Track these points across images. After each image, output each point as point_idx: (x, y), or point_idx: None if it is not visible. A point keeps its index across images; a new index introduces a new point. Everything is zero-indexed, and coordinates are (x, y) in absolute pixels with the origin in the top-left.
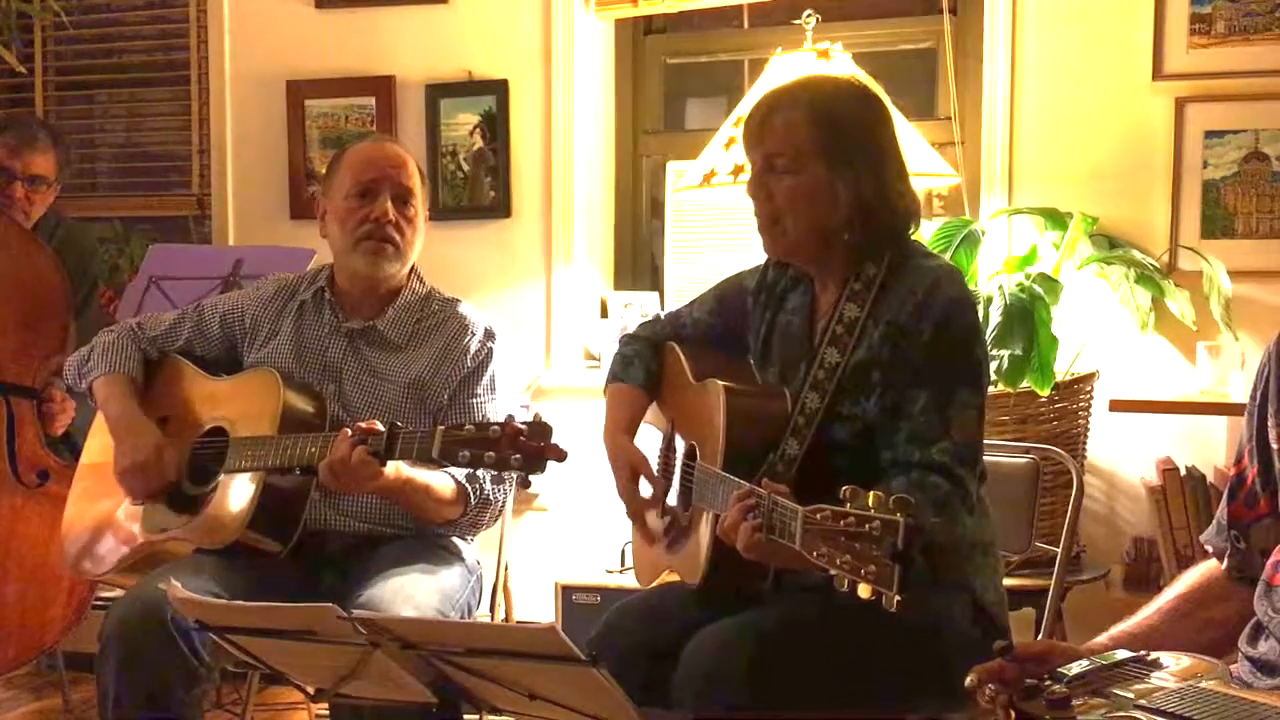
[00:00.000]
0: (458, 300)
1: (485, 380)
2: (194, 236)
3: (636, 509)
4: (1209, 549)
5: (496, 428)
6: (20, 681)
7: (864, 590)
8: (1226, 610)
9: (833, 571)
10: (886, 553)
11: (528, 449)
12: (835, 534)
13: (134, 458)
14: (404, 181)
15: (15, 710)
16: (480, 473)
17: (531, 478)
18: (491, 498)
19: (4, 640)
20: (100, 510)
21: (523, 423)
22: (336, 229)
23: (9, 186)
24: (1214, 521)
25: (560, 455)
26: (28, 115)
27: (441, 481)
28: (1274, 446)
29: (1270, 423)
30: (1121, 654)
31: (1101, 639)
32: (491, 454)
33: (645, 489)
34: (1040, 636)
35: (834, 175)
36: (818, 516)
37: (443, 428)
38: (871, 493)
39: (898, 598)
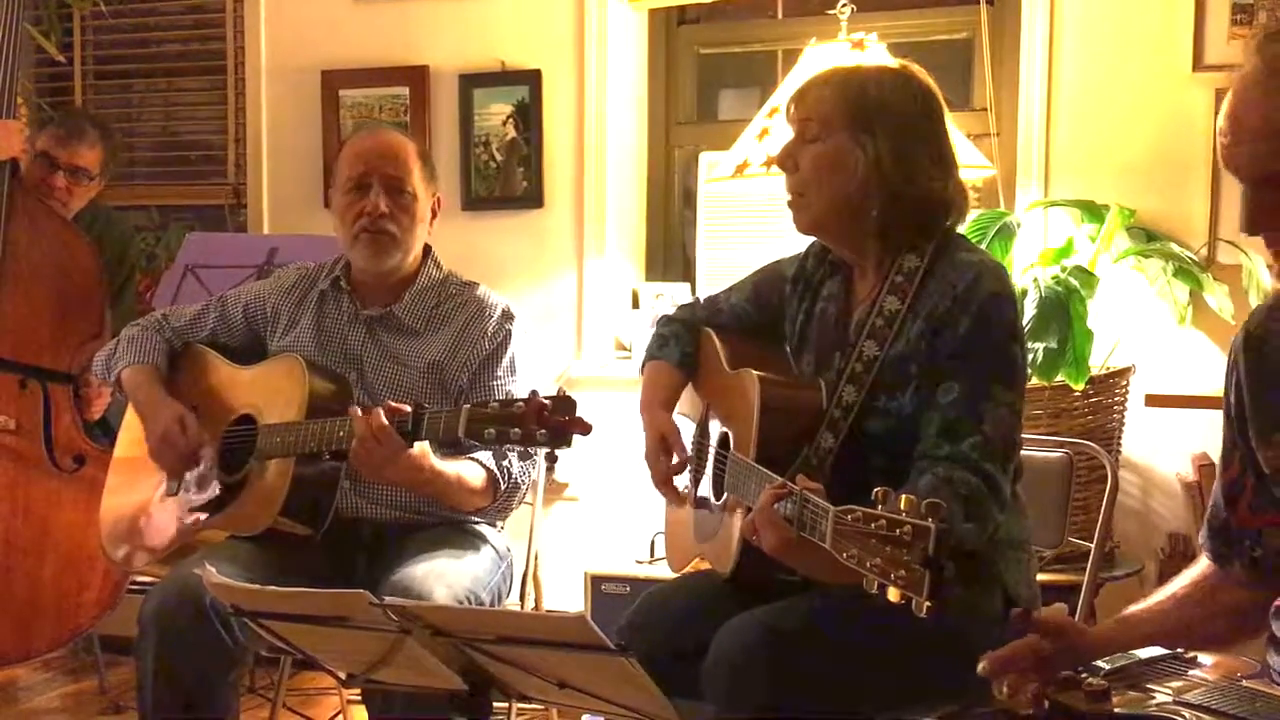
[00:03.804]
0: (475, 284)
1: (505, 362)
2: (229, 225)
3: (661, 476)
4: (1206, 555)
5: (521, 404)
6: (57, 664)
7: (893, 594)
8: (1238, 597)
9: (863, 574)
10: (917, 558)
11: (553, 423)
12: (866, 536)
13: (158, 432)
14: (392, 171)
15: (52, 692)
16: (508, 458)
17: (561, 465)
18: (520, 482)
19: (40, 623)
20: (135, 502)
21: (547, 397)
22: (338, 223)
23: (51, 175)
24: (1207, 525)
25: (585, 428)
26: (81, 109)
27: (472, 472)
28: (1266, 471)
29: (1255, 443)
30: (1157, 651)
31: (1109, 623)
32: (517, 430)
33: (682, 484)
34: None
35: (856, 146)
36: (849, 518)
37: (468, 406)
38: (904, 496)
39: (928, 603)
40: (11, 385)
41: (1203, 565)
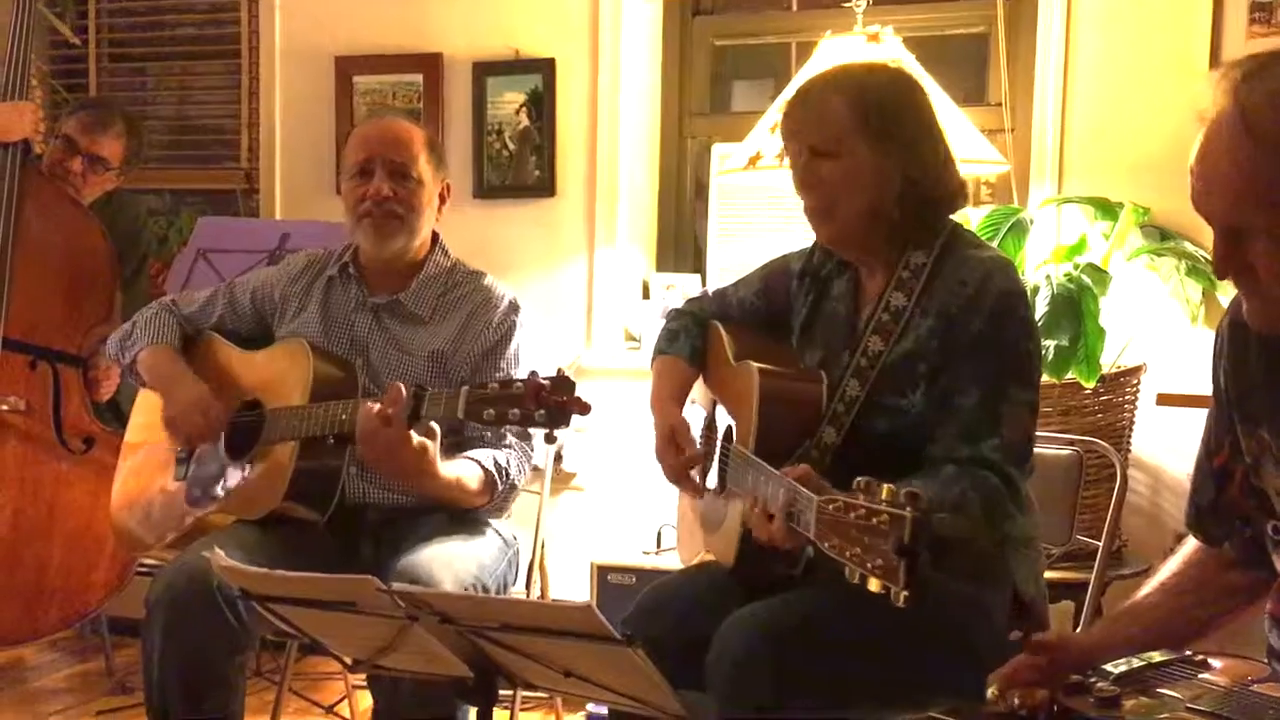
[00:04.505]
0: (482, 274)
1: (509, 353)
2: (242, 210)
3: (672, 471)
4: (1195, 537)
5: (520, 384)
6: (64, 644)
7: (873, 584)
8: (1229, 578)
9: (842, 563)
10: (893, 547)
11: (551, 403)
12: (846, 525)
13: (181, 402)
14: (395, 156)
15: (59, 672)
16: (506, 458)
17: (568, 455)
18: (516, 483)
19: (48, 603)
20: (145, 486)
21: (545, 378)
22: (345, 209)
23: (69, 159)
24: (1193, 507)
25: (584, 408)
26: (114, 100)
27: (470, 472)
28: (1247, 460)
29: (1239, 429)
30: (1167, 654)
31: (1103, 623)
32: (516, 410)
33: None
34: (1078, 630)
35: (878, 154)
36: (830, 507)
37: (467, 387)
38: (885, 485)
39: (905, 593)
40: (22, 366)
41: (1188, 551)
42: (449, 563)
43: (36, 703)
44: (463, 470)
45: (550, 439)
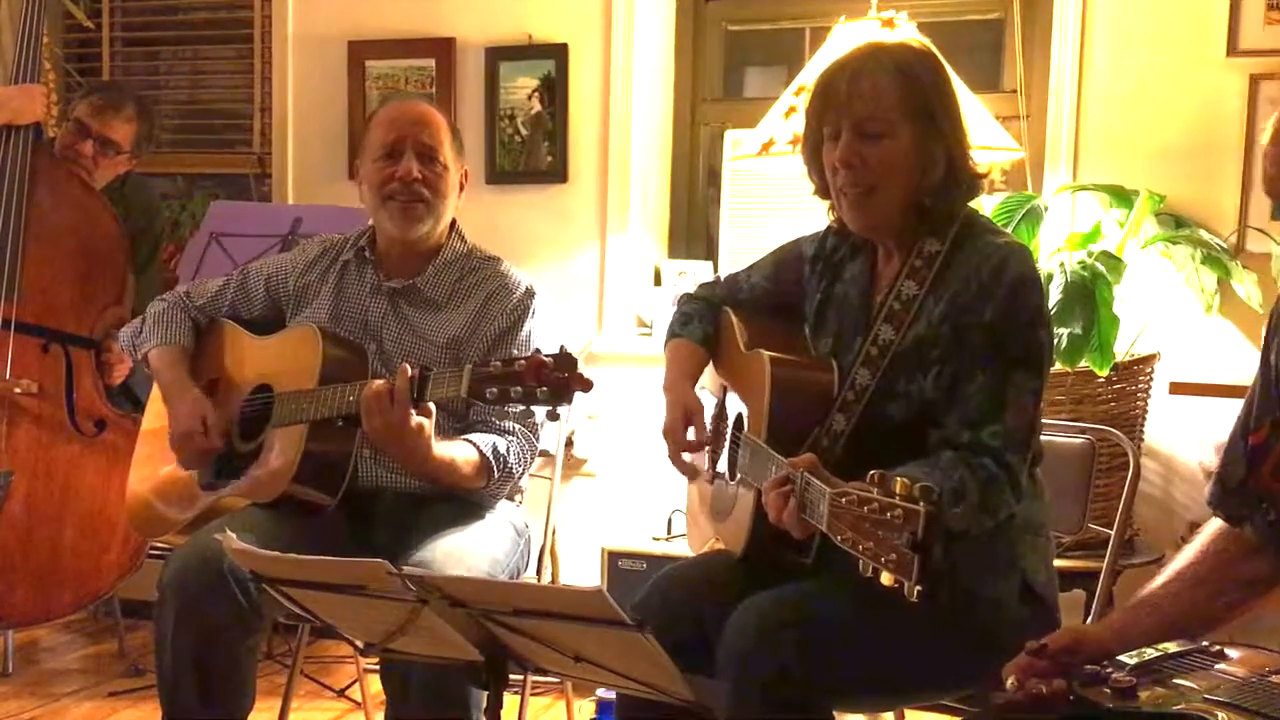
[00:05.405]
0: (499, 259)
1: (521, 337)
2: (254, 194)
3: (677, 450)
4: (1217, 515)
5: (522, 361)
6: (77, 626)
7: (886, 578)
8: (1252, 567)
9: (855, 556)
10: (907, 542)
11: (553, 380)
12: (859, 519)
13: (180, 428)
14: (425, 139)
15: (72, 654)
16: (506, 446)
17: (579, 441)
18: (514, 471)
19: (60, 585)
20: (161, 473)
21: (548, 355)
22: (367, 191)
23: (80, 142)
24: (1219, 484)
25: (586, 385)
26: (125, 84)
27: (465, 454)
28: None
29: None
30: (1183, 644)
31: (1119, 614)
32: (518, 388)
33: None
34: (1090, 619)
35: (925, 138)
36: (843, 500)
37: (470, 366)
38: (899, 479)
39: (918, 588)
40: (34, 349)
41: (1204, 539)
42: (461, 559)
43: (50, 684)
44: (457, 451)
45: (553, 416)
